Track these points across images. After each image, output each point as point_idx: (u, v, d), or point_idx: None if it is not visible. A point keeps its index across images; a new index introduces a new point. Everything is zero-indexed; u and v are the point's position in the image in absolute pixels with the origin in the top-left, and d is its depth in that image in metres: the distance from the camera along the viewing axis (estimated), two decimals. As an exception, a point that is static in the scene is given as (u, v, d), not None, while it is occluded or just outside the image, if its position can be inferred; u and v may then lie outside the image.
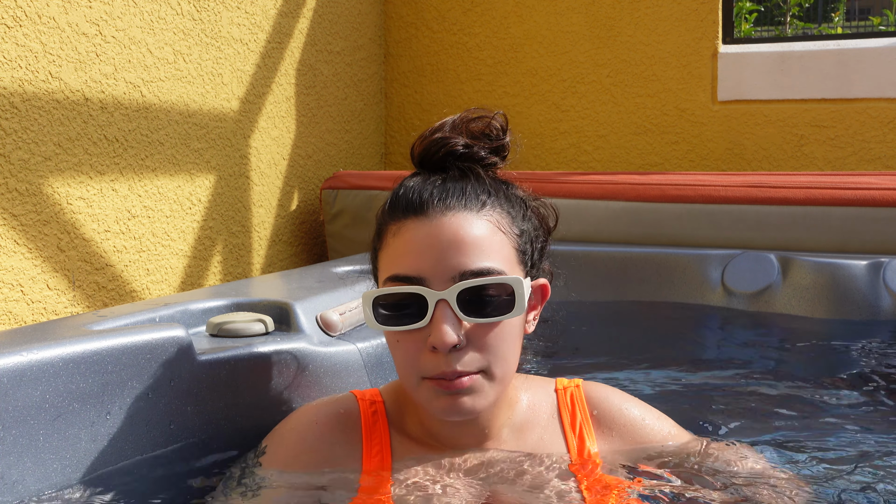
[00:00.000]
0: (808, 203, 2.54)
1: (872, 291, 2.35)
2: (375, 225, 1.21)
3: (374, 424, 1.23)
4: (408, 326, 1.11)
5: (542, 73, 3.66)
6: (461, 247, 1.10)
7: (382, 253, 1.17)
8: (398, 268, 1.12)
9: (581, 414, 1.27)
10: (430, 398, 1.12)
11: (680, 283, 2.56)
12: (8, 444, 1.13)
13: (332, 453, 1.20)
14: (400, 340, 1.13)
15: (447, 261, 1.10)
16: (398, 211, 1.15)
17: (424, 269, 1.10)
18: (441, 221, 1.11)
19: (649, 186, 2.73)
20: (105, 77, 2.30)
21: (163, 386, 1.32)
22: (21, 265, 2.08)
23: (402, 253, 1.12)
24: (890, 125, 3.21)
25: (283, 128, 3.12)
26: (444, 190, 1.14)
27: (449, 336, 1.08)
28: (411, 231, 1.12)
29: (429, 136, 1.19)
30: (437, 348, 1.09)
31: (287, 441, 1.22)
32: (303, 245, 3.27)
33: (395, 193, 1.18)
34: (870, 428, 1.62)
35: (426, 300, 1.09)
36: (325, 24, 3.36)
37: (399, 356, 1.14)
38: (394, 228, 1.15)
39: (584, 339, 2.45)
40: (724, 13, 3.44)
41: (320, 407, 1.26)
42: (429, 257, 1.10)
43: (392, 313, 1.12)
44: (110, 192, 2.34)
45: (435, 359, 1.10)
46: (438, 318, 1.08)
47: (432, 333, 1.09)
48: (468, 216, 1.13)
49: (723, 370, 2.04)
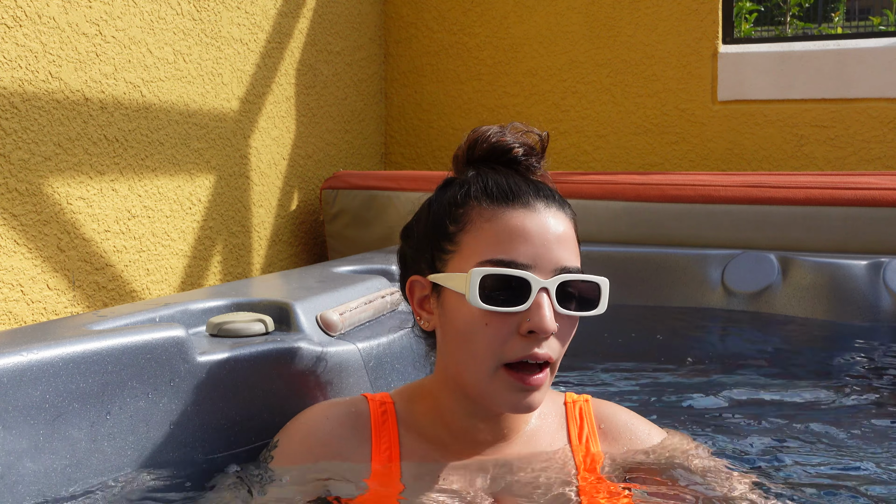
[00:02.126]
0: (808, 203, 2.54)
1: (872, 291, 2.35)
2: (442, 208, 1.22)
3: (383, 424, 1.25)
4: (510, 308, 1.12)
5: (542, 73, 3.66)
6: (563, 242, 1.17)
7: (469, 236, 1.17)
8: (504, 252, 1.14)
9: (588, 427, 1.30)
10: (503, 390, 1.15)
11: (680, 283, 2.56)
12: (8, 444, 1.13)
13: (342, 449, 1.23)
14: (490, 323, 1.14)
15: (552, 252, 1.15)
16: (491, 198, 1.18)
17: (531, 256, 1.14)
18: (546, 214, 1.17)
19: (649, 186, 2.73)
20: (105, 77, 2.30)
21: (163, 386, 1.32)
22: (21, 265, 2.08)
23: (507, 238, 1.15)
24: (890, 125, 3.21)
25: (283, 128, 3.12)
26: (537, 187, 1.20)
27: (550, 322, 1.12)
28: (517, 218, 1.16)
29: (491, 138, 1.23)
30: (535, 332, 1.12)
31: (298, 436, 1.26)
32: (303, 245, 3.27)
33: (482, 180, 1.20)
34: (870, 428, 1.62)
35: (530, 286, 1.12)
36: (325, 24, 3.36)
37: (482, 340, 1.14)
38: (487, 213, 1.17)
39: (584, 340, 2.45)
40: (724, 13, 3.44)
41: (331, 405, 1.30)
42: (537, 245, 1.15)
43: (491, 295, 1.13)
44: (110, 192, 2.34)
45: (525, 344, 1.13)
46: (540, 304, 1.12)
47: (532, 318, 1.12)
48: (561, 215, 1.20)
49: (723, 370, 2.04)
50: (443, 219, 1.21)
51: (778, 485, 1.30)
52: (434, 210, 1.24)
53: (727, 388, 1.88)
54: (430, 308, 1.23)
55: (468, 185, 1.21)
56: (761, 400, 1.80)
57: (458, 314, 1.17)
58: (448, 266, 1.19)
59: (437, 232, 1.22)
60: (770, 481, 1.32)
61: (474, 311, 1.14)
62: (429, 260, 1.22)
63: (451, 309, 1.18)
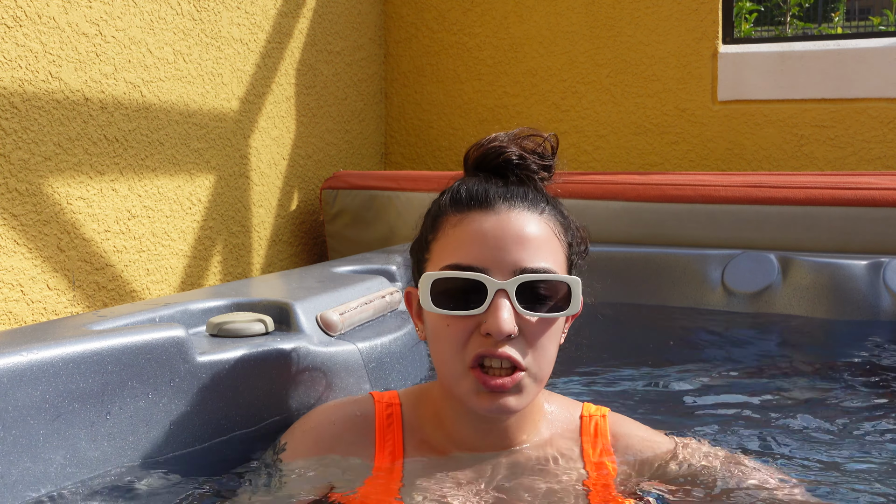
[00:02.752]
0: (808, 203, 2.54)
1: (872, 291, 2.35)
2: (427, 218, 1.25)
3: (388, 426, 1.25)
4: (465, 312, 1.12)
5: (542, 73, 3.66)
6: (524, 243, 1.15)
7: (438, 243, 1.20)
8: (460, 257, 1.15)
9: (602, 442, 1.28)
10: (472, 392, 1.14)
11: (680, 283, 2.56)
12: (8, 444, 1.13)
13: (347, 452, 1.24)
14: (451, 325, 1.14)
15: (510, 254, 1.13)
16: (461, 204, 1.19)
17: (487, 259, 1.13)
18: (508, 216, 1.16)
19: (649, 186, 2.73)
20: (105, 77, 2.30)
21: (163, 386, 1.32)
22: (21, 265, 2.08)
23: (466, 242, 1.15)
24: (890, 125, 3.21)
25: (283, 128, 3.12)
26: (508, 190, 1.19)
27: (506, 323, 1.10)
28: (476, 222, 1.16)
29: (486, 144, 1.23)
30: (491, 334, 1.11)
31: (305, 439, 1.26)
32: (303, 245, 3.27)
33: (455, 189, 1.22)
34: (870, 427, 1.62)
35: (486, 288, 1.12)
36: (325, 24, 3.36)
37: (445, 342, 1.15)
38: (454, 220, 1.18)
39: (584, 340, 2.45)
40: (724, 13, 3.44)
41: (337, 408, 1.30)
42: (493, 248, 1.14)
43: (448, 299, 1.14)
44: (110, 192, 2.34)
45: (484, 344, 1.12)
46: (497, 306, 1.11)
47: (488, 320, 1.11)
48: (531, 216, 1.18)
49: (723, 370, 2.04)
50: (425, 229, 1.24)
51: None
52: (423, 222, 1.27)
53: (727, 387, 1.88)
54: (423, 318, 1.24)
55: (446, 194, 1.23)
56: (761, 400, 1.80)
57: (429, 319, 1.19)
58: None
59: (421, 242, 1.25)
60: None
61: (436, 315, 1.15)
62: (416, 270, 1.26)
63: (426, 316, 1.20)
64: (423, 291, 1.15)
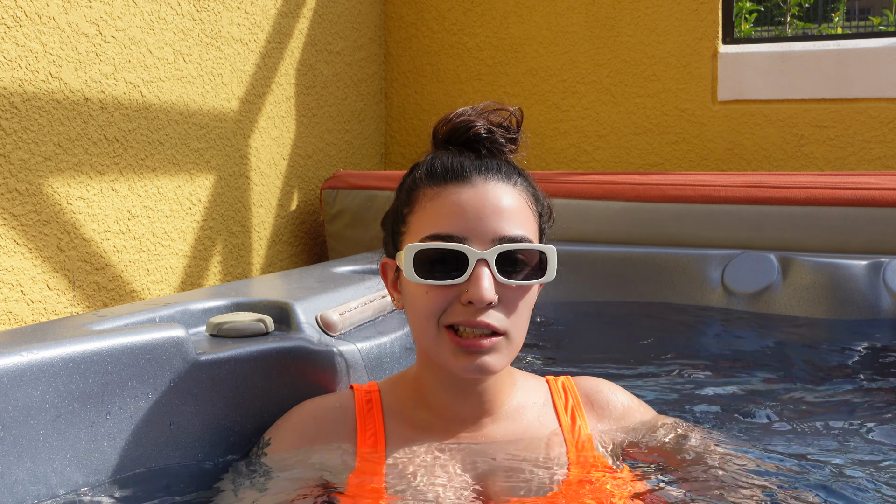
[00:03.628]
0: (808, 203, 2.54)
1: (872, 291, 2.35)
2: (401, 192, 1.28)
3: (368, 412, 1.29)
4: (447, 281, 1.16)
5: (542, 73, 3.66)
6: (501, 213, 1.18)
7: (415, 215, 1.23)
8: (440, 227, 1.18)
9: (573, 399, 1.34)
10: (448, 354, 1.18)
11: (680, 283, 2.56)
12: (8, 444, 1.13)
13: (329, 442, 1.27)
14: (429, 292, 1.18)
15: (488, 224, 1.17)
16: (437, 177, 1.22)
17: (466, 229, 1.17)
18: (484, 187, 1.19)
19: (649, 186, 2.73)
20: (105, 77, 2.30)
21: (163, 386, 1.32)
22: (21, 265, 2.08)
23: (445, 214, 1.19)
24: (890, 125, 3.21)
25: (283, 128, 3.12)
26: (482, 163, 1.23)
27: (487, 292, 1.14)
28: (454, 194, 1.19)
29: (455, 119, 1.27)
30: (473, 303, 1.15)
31: (289, 434, 1.30)
32: (303, 245, 3.27)
33: (429, 162, 1.25)
34: (869, 428, 1.62)
35: (467, 258, 1.15)
36: (325, 24, 3.36)
37: (422, 307, 1.19)
38: (431, 193, 1.21)
39: (584, 339, 2.45)
40: (724, 13, 3.44)
41: (318, 402, 1.34)
42: (472, 218, 1.17)
43: (429, 268, 1.17)
44: (110, 192, 2.34)
45: (464, 311, 1.16)
46: (478, 275, 1.15)
47: (470, 289, 1.15)
48: (506, 187, 1.21)
49: (722, 370, 2.04)
50: (398, 203, 1.28)
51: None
52: (397, 195, 1.30)
53: (726, 387, 1.88)
54: (398, 288, 1.29)
55: (419, 167, 1.26)
56: (760, 400, 1.80)
57: (407, 288, 1.23)
58: (401, 246, 1.24)
59: (396, 215, 1.28)
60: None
61: (415, 284, 1.19)
62: (391, 243, 1.29)
63: (404, 284, 1.24)
64: (406, 262, 1.18)
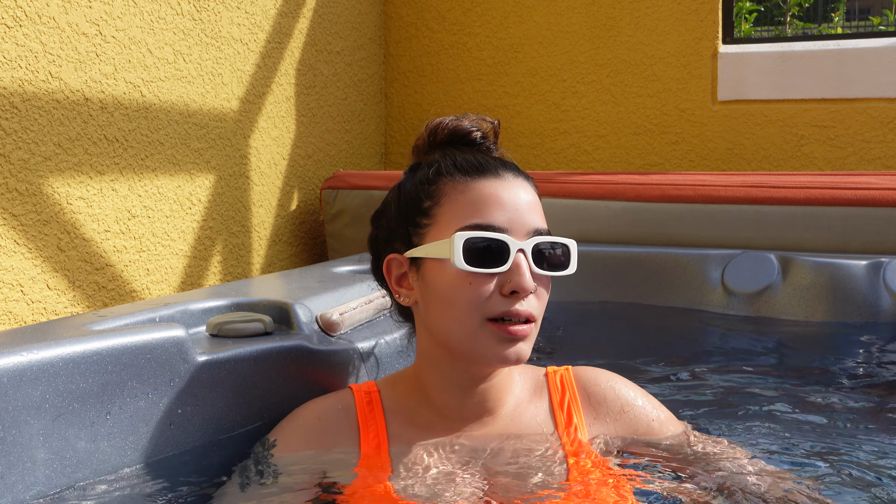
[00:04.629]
0: (808, 203, 2.54)
1: (872, 291, 2.35)
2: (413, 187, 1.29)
3: (370, 412, 1.31)
4: (491, 269, 1.19)
5: (542, 73, 3.66)
6: (534, 207, 1.25)
7: (443, 208, 1.24)
8: (482, 217, 1.21)
9: (569, 393, 1.35)
10: (492, 342, 1.20)
11: (680, 283, 2.55)
12: (8, 445, 1.13)
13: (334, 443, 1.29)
14: (473, 282, 1.20)
15: (524, 216, 1.23)
16: (463, 172, 1.25)
17: (507, 220, 1.21)
18: (515, 183, 1.25)
19: (649, 186, 2.73)
20: (105, 77, 2.30)
21: (163, 386, 1.32)
22: (21, 265, 2.08)
23: (484, 205, 1.22)
24: (890, 125, 3.21)
25: (283, 128, 3.12)
26: (502, 162, 1.28)
27: (530, 282, 1.19)
28: (489, 187, 1.23)
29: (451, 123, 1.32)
30: (517, 291, 1.19)
31: (294, 434, 1.31)
32: (303, 245, 3.27)
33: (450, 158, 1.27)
34: (869, 428, 1.62)
35: (509, 247, 1.19)
36: (325, 24, 3.36)
37: (465, 298, 1.20)
38: (461, 186, 1.24)
39: (584, 339, 2.45)
40: (724, 13, 3.44)
41: (320, 403, 1.35)
42: (511, 209, 1.22)
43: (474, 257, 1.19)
44: (110, 192, 2.34)
45: (506, 300, 1.19)
46: (520, 265, 1.19)
47: (513, 279, 1.19)
48: (527, 184, 1.28)
49: (722, 370, 2.04)
50: (416, 197, 1.28)
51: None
52: (405, 190, 1.31)
53: (726, 387, 1.88)
54: (408, 284, 1.29)
55: (437, 163, 1.28)
56: (760, 400, 1.80)
57: (442, 279, 1.22)
58: (426, 238, 1.25)
59: (412, 209, 1.28)
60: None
61: (458, 273, 1.20)
62: (405, 237, 1.28)
63: (434, 277, 1.23)
64: (455, 251, 1.19)
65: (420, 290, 1.26)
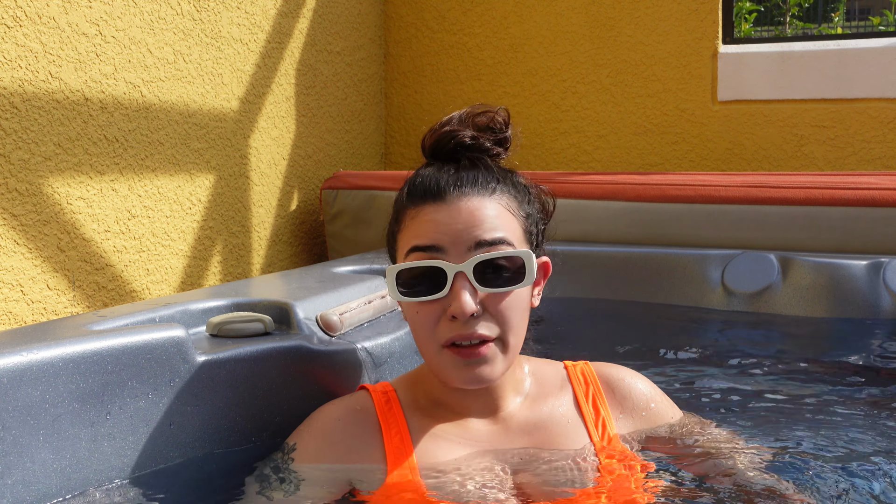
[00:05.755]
0: (808, 203, 2.54)
1: (872, 291, 2.35)
2: (393, 211, 1.32)
3: (389, 411, 1.30)
4: (428, 297, 1.20)
5: (542, 73, 3.66)
6: (475, 222, 1.21)
7: (401, 234, 1.27)
8: (418, 239, 1.22)
9: (593, 386, 1.36)
10: (450, 367, 1.21)
11: (680, 283, 2.56)
12: (8, 445, 1.13)
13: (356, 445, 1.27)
14: (419, 311, 1.22)
15: (463, 233, 1.20)
16: (416, 197, 1.25)
17: (443, 240, 1.20)
18: (458, 205, 1.22)
19: (649, 186, 2.73)
20: (105, 77, 2.30)
21: (163, 386, 1.32)
22: (21, 265, 2.08)
23: (423, 230, 1.22)
24: (890, 125, 3.21)
25: (283, 128, 3.12)
26: (458, 178, 1.25)
27: (468, 305, 1.17)
28: (431, 213, 1.23)
29: (438, 130, 1.29)
30: (456, 317, 1.18)
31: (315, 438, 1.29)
32: (303, 245, 3.27)
33: (412, 182, 1.28)
34: (869, 427, 1.62)
35: (445, 273, 1.19)
36: (325, 24, 3.36)
37: (418, 326, 1.23)
38: (412, 212, 1.25)
39: (584, 339, 2.45)
40: (724, 13, 3.44)
41: (338, 405, 1.33)
42: (447, 230, 1.21)
43: (413, 286, 1.21)
44: (110, 192, 2.34)
45: (453, 326, 1.19)
46: (458, 289, 1.18)
47: (452, 304, 1.18)
48: (482, 200, 1.23)
49: (722, 370, 2.04)
50: (392, 222, 1.32)
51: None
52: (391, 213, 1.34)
53: (726, 388, 1.88)
54: None
55: (405, 186, 1.30)
56: (760, 400, 1.80)
57: (402, 306, 1.28)
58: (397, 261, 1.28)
59: (389, 232, 1.32)
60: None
61: (405, 303, 1.23)
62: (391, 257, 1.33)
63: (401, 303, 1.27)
64: (389, 283, 1.23)
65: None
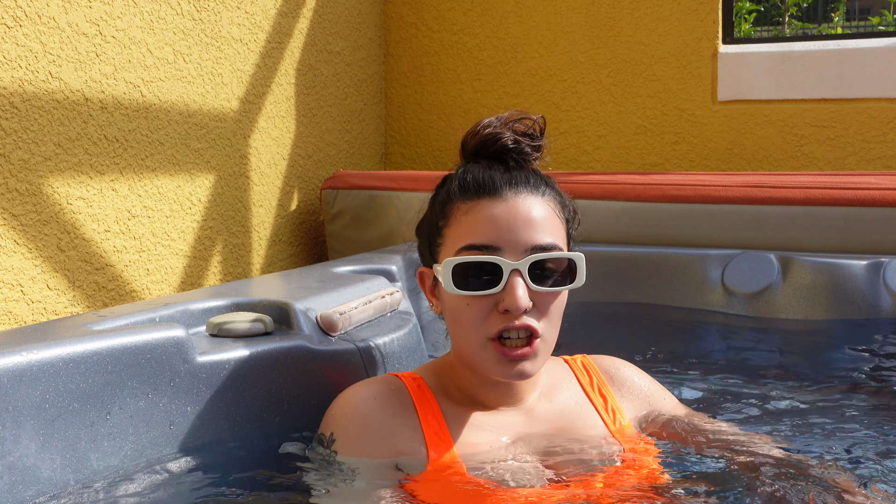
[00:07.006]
0: (808, 203, 2.54)
1: (872, 291, 2.35)
2: (435, 204, 1.35)
3: (421, 394, 1.33)
4: (484, 291, 1.24)
5: (542, 73, 3.66)
6: (532, 223, 1.26)
7: (451, 229, 1.30)
8: (475, 238, 1.25)
9: (596, 377, 1.43)
10: (493, 361, 1.25)
11: (680, 283, 2.56)
12: (8, 445, 1.13)
13: (394, 423, 1.29)
14: (470, 304, 1.25)
15: (521, 235, 1.25)
16: (469, 191, 1.29)
17: (501, 239, 1.24)
18: (515, 201, 1.27)
19: (649, 186, 2.73)
20: (105, 77, 2.30)
21: (163, 386, 1.32)
22: (21, 265, 2.08)
23: (479, 227, 1.26)
24: (890, 125, 3.21)
25: (283, 128, 3.12)
26: (511, 176, 1.29)
27: (523, 300, 1.22)
28: (487, 208, 1.26)
29: (482, 131, 1.33)
30: (509, 311, 1.22)
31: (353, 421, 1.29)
32: (303, 245, 3.27)
33: (461, 177, 1.31)
34: (869, 427, 1.62)
35: (501, 269, 1.23)
36: (325, 24, 3.36)
37: (466, 319, 1.26)
38: (465, 207, 1.28)
39: (584, 339, 2.45)
40: (724, 13, 3.44)
41: (371, 385, 1.35)
42: (505, 230, 1.25)
43: (466, 280, 1.24)
44: (110, 192, 2.34)
45: (504, 319, 1.24)
46: (513, 285, 1.22)
47: (506, 298, 1.22)
48: (536, 199, 1.29)
49: (722, 370, 2.04)
50: (435, 215, 1.34)
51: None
52: (432, 206, 1.37)
53: (726, 388, 1.88)
54: (437, 295, 1.35)
55: (452, 181, 1.32)
56: (760, 400, 1.80)
57: (448, 299, 1.29)
58: (440, 257, 1.31)
59: (432, 227, 1.35)
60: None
61: (457, 295, 1.25)
62: (429, 252, 1.36)
63: (444, 295, 1.30)
64: (444, 276, 1.25)
65: (441, 304, 1.33)
